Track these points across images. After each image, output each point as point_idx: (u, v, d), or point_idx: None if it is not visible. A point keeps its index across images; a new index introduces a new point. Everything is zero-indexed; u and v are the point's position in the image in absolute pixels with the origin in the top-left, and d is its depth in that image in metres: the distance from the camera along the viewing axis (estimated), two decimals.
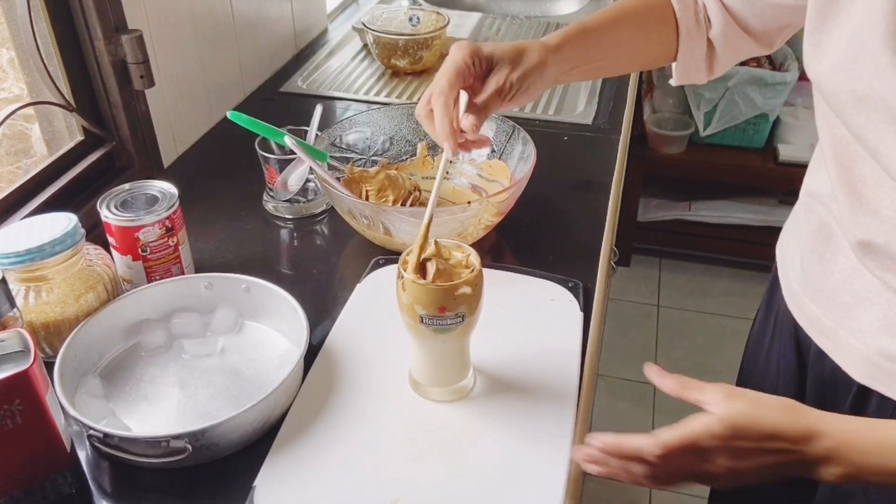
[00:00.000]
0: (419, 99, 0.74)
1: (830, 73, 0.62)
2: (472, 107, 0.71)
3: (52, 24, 0.94)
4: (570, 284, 0.88)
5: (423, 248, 0.67)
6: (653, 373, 0.62)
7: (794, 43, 2.22)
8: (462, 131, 0.71)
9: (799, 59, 2.16)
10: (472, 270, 0.67)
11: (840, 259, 0.70)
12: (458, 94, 0.72)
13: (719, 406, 0.57)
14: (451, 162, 0.69)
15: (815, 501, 0.80)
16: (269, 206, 1.05)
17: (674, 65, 0.86)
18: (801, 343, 0.80)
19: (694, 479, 0.59)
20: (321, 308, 0.87)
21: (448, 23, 1.46)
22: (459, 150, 0.71)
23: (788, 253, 0.81)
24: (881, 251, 0.63)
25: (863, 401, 0.71)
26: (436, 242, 0.69)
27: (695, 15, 0.82)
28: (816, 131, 0.70)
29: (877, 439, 0.56)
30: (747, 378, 0.95)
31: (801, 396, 0.80)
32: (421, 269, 0.67)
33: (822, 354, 0.75)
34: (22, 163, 1.02)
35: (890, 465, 0.55)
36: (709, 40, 0.83)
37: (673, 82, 0.88)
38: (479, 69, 0.72)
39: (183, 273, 0.87)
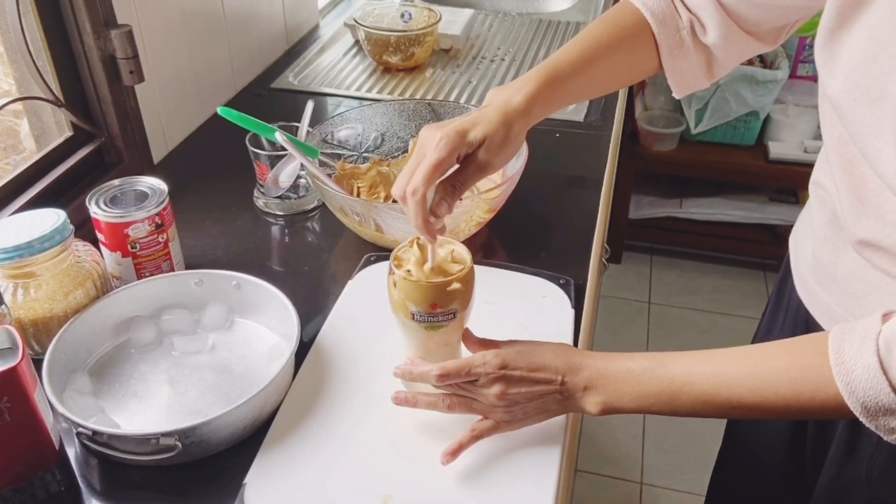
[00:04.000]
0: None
1: (847, 72, 0.61)
2: (446, 184, 0.69)
3: (40, 18, 0.93)
4: (561, 281, 0.88)
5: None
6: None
7: (786, 41, 2.23)
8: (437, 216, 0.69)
9: (789, 57, 2.17)
10: (464, 268, 0.67)
11: (851, 249, 0.70)
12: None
13: (500, 347, 0.67)
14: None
15: (817, 489, 0.80)
16: (260, 202, 1.05)
17: (669, 80, 0.84)
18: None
19: (478, 408, 0.66)
20: (312, 305, 0.87)
21: (440, 19, 1.45)
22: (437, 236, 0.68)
23: (801, 242, 0.81)
24: (889, 251, 0.63)
25: None
26: (418, 242, 0.69)
27: (677, 32, 0.80)
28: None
29: (627, 367, 0.63)
30: None
31: None
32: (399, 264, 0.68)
33: None
34: (10, 158, 1.01)
35: (637, 390, 0.63)
36: (705, 47, 0.81)
37: (675, 95, 0.86)
38: (460, 160, 0.70)
39: (173, 270, 0.87)
